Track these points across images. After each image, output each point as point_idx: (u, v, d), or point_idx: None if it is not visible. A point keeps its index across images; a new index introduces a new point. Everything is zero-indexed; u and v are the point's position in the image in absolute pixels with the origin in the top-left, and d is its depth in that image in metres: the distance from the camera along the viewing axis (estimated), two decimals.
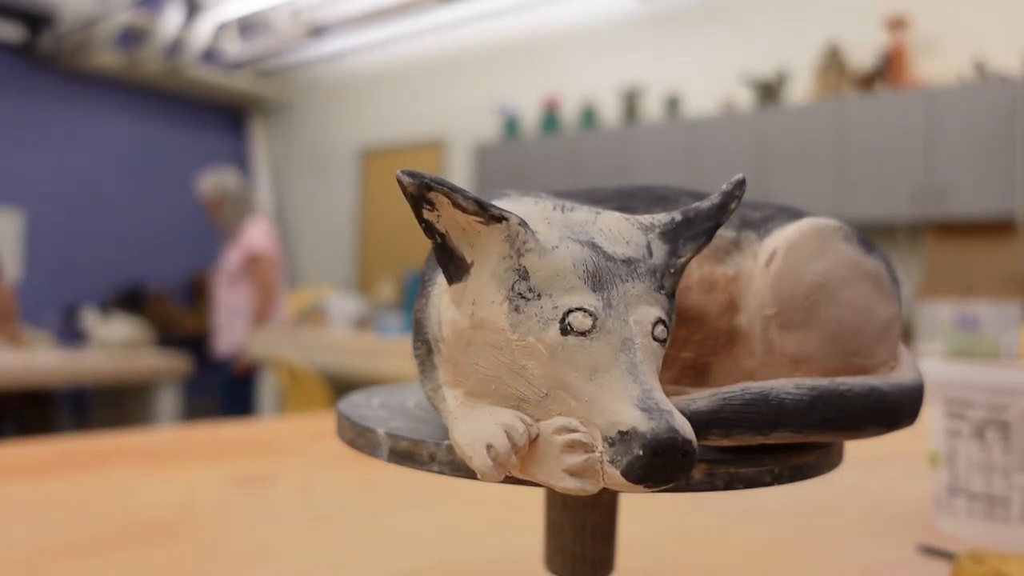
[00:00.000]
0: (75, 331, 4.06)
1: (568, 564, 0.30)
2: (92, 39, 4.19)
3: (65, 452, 0.71)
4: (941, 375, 0.52)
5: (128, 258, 4.72)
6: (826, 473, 0.27)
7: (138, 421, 2.94)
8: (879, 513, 0.58)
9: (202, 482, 0.62)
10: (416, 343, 0.27)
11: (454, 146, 4.66)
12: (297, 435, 0.87)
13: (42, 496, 0.56)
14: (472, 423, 0.22)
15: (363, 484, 0.62)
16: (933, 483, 0.54)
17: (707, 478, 0.24)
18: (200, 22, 4.03)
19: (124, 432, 0.83)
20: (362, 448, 0.27)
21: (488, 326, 0.22)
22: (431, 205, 0.22)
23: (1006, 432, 0.48)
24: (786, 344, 0.28)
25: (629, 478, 0.20)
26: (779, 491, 0.27)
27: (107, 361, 2.78)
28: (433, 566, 0.44)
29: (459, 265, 0.23)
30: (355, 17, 3.92)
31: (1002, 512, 0.48)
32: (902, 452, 0.75)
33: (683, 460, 0.20)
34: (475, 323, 0.23)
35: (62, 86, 4.44)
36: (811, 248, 0.29)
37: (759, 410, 0.24)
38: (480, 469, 0.21)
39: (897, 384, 0.27)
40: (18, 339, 2.85)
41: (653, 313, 0.22)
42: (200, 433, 0.84)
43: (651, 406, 0.20)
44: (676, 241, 0.23)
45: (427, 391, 0.27)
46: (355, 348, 2.84)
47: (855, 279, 0.29)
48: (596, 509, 0.30)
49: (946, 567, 0.44)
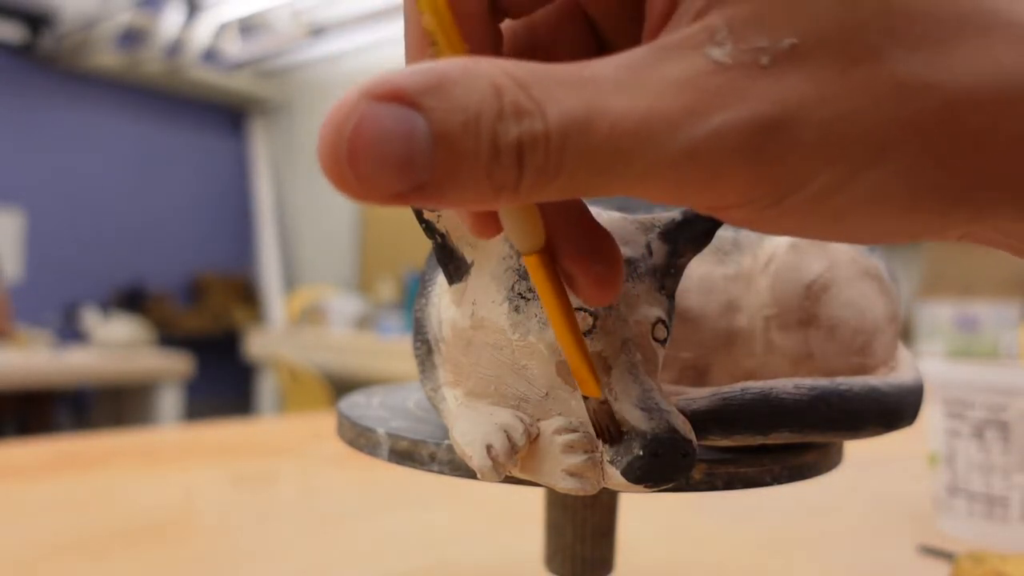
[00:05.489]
0: (75, 331, 4.06)
1: (568, 564, 0.30)
2: (92, 39, 4.19)
3: (65, 452, 0.71)
4: (941, 375, 0.52)
5: (128, 258, 4.72)
6: (826, 473, 0.27)
7: (138, 421, 2.94)
8: (879, 513, 0.58)
9: (202, 482, 0.62)
10: (416, 343, 0.27)
11: None
12: (297, 435, 0.87)
13: (42, 496, 0.56)
14: (472, 423, 0.22)
15: (363, 484, 0.62)
16: (933, 483, 0.54)
17: (707, 478, 0.24)
18: (200, 22, 4.03)
19: (124, 432, 0.83)
20: (362, 448, 0.27)
21: (488, 326, 0.22)
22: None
23: (1005, 432, 0.48)
24: (786, 344, 0.28)
25: (629, 478, 0.20)
26: (779, 491, 0.27)
27: (107, 361, 2.78)
28: (433, 566, 0.44)
29: (459, 265, 0.23)
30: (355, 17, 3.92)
31: (1002, 512, 0.48)
32: (902, 452, 0.75)
33: (683, 460, 0.20)
34: (475, 323, 0.23)
35: (62, 86, 4.44)
36: (811, 248, 0.29)
37: (759, 410, 0.24)
38: (480, 469, 0.21)
39: (897, 384, 0.27)
40: (12, 336, 2.84)
41: (653, 313, 0.22)
42: (200, 433, 0.84)
43: (651, 406, 0.20)
44: (676, 241, 0.23)
45: (427, 391, 0.27)
46: (355, 348, 2.84)
47: (855, 279, 0.29)
48: (596, 509, 0.30)
49: (946, 567, 0.44)
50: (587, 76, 0.14)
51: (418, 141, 0.13)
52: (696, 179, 0.14)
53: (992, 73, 0.14)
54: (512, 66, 0.14)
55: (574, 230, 0.19)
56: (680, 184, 0.14)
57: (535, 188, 0.14)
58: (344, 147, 0.13)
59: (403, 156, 0.13)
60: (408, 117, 0.13)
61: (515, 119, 0.13)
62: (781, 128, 0.14)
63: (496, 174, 0.13)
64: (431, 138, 0.13)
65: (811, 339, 0.28)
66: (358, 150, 0.13)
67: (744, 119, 0.14)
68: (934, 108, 0.14)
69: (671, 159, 0.14)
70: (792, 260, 0.28)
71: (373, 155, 0.13)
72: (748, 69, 0.14)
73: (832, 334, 0.28)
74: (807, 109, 0.14)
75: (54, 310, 4.31)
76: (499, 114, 0.13)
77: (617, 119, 0.14)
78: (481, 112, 0.13)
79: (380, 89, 0.13)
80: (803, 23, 0.14)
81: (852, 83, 0.14)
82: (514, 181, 0.14)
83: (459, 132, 0.13)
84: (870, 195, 0.15)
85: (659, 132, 0.14)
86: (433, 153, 0.13)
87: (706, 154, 0.14)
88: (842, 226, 0.16)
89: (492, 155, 0.13)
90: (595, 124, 0.13)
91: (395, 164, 0.13)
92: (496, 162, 0.13)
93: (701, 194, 0.15)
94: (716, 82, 0.14)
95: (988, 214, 0.15)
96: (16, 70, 4.28)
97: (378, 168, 0.13)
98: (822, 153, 0.14)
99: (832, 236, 0.16)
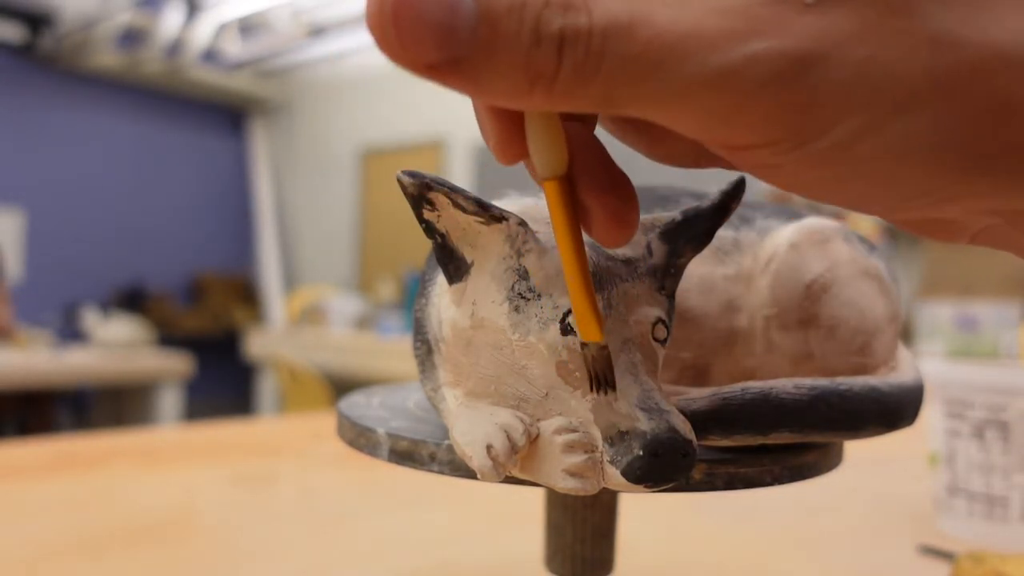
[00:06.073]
0: (75, 331, 4.06)
1: (568, 564, 0.30)
2: (92, 39, 4.19)
3: (65, 452, 0.71)
4: (941, 375, 0.52)
5: (128, 258, 4.72)
6: (826, 473, 0.27)
7: (138, 421, 2.94)
8: (879, 513, 0.58)
9: (202, 482, 0.62)
10: (416, 343, 0.27)
11: (454, 147, 4.66)
12: (297, 435, 0.87)
13: (42, 496, 0.56)
14: (472, 423, 0.22)
15: (363, 484, 0.62)
16: (933, 483, 0.54)
17: (707, 478, 0.24)
18: (200, 22, 4.03)
19: (124, 432, 0.83)
20: (362, 448, 0.27)
21: (488, 326, 0.22)
22: (431, 205, 0.22)
23: (1005, 432, 0.48)
24: (786, 344, 0.28)
25: (629, 478, 0.20)
26: (779, 491, 0.27)
27: (107, 361, 2.77)
28: (433, 566, 0.44)
29: (459, 265, 0.23)
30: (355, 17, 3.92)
31: (1002, 512, 0.48)
32: (902, 452, 0.75)
33: (683, 460, 0.20)
34: (475, 323, 0.23)
35: (62, 86, 4.44)
36: (811, 248, 0.29)
37: (759, 410, 0.24)
38: (480, 469, 0.21)
39: (897, 384, 0.27)
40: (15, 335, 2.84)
41: (653, 313, 0.22)
42: (200, 433, 0.84)
43: (651, 406, 0.20)
44: (676, 241, 0.23)
45: (427, 391, 0.27)
46: (355, 348, 2.84)
47: (855, 279, 0.29)
48: (596, 509, 0.30)
49: (946, 567, 0.44)
50: None
51: (463, 13, 0.13)
52: (723, 106, 0.14)
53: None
54: None
55: (595, 165, 0.19)
56: (706, 111, 0.14)
57: (570, 87, 0.14)
58: (390, 5, 0.13)
59: (446, 25, 0.13)
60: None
61: (561, 10, 0.13)
62: (815, 64, 0.14)
63: (534, 62, 0.14)
64: (476, 13, 0.13)
65: (811, 339, 0.28)
66: (403, 10, 0.13)
67: (781, 49, 0.14)
68: (964, 65, 0.14)
69: (703, 79, 0.14)
70: (792, 260, 0.28)
71: (417, 18, 0.13)
72: (793, 4, 0.14)
73: (832, 334, 0.28)
74: (843, 48, 0.14)
75: (54, 310, 4.31)
76: (546, 2, 0.13)
77: (659, 31, 0.14)
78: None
79: None
80: None
81: (889, 31, 0.14)
82: (551, 73, 0.14)
83: (504, 12, 0.13)
84: (894, 147, 0.15)
85: (697, 50, 0.14)
86: (476, 28, 0.13)
87: (738, 79, 0.14)
88: (859, 184, 0.16)
89: (533, 41, 0.13)
90: (637, 32, 0.14)
91: (437, 32, 0.13)
92: (536, 49, 0.13)
93: (725, 126, 0.15)
94: (761, 12, 0.14)
95: (1007, 187, 0.15)
96: (16, 70, 4.28)
97: (420, 33, 0.13)
98: (852, 95, 0.14)
99: (845, 196, 0.16)
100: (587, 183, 0.19)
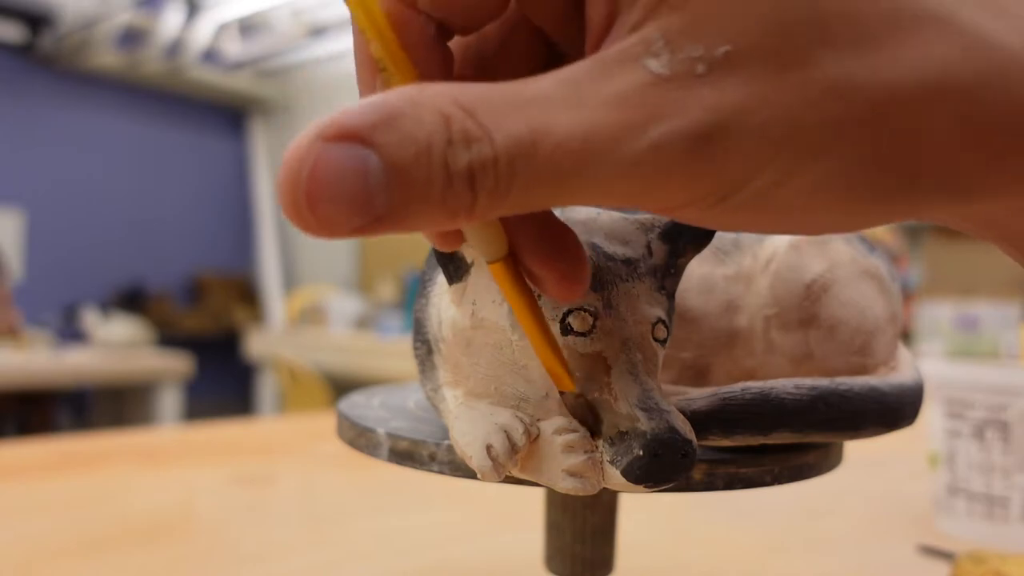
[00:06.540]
0: (75, 331, 4.06)
1: (568, 564, 0.30)
2: (92, 39, 4.19)
3: (65, 452, 0.71)
4: (941, 375, 0.52)
5: (128, 258, 4.72)
6: (826, 473, 0.27)
7: (139, 421, 2.94)
8: (879, 513, 0.58)
9: (202, 482, 0.62)
10: (416, 343, 0.27)
11: None
12: (297, 435, 0.87)
13: (42, 496, 0.56)
14: (472, 423, 0.22)
15: (363, 484, 0.62)
16: (933, 483, 0.54)
17: (707, 478, 0.24)
18: (200, 22, 4.03)
19: (125, 432, 0.83)
20: (362, 448, 0.27)
21: (488, 326, 0.22)
22: None
23: (1006, 432, 0.48)
24: (786, 344, 0.28)
25: (629, 478, 0.20)
26: (779, 491, 0.27)
27: (107, 361, 2.77)
28: (433, 566, 0.44)
29: (459, 265, 0.23)
30: None
31: (1002, 512, 0.48)
32: (902, 452, 0.75)
33: (683, 460, 0.20)
34: (475, 323, 0.23)
35: (62, 86, 4.44)
36: (811, 248, 0.29)
37: (759, 410, 0.24)
38: (480, 469, 0.21)
39: (897, 384, 0.27)
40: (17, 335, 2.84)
41: (653, 313, 0.22)
42: (200, 433, 0.84)
43: (651, 406, 0.20)
44: (676, 241, 0.23)
45: (427, 391, 0.27)
46: (355, 348, 2.84)
47: (855, 279, 0.29)
48: (596, 509, 0.30)
49: (946, 567, 0.44)
50: (530, 96, 0.14)
51: (373, 177, 0.13)
52: (642, 188, 0.15)
53: (918, 69, 0.14)
54: (459, 91, 0.14)
55: (537, 232, 0.19)
56: (628, 193, 0.15)
57: (489, 208, 0.14)
58: (302, 190, 0.14)
59: (359, 193, 0.13)
60: (361, 155, 0.13)
61: (464, 146, 0.14)
62: (718, 134, 0.14)
63: (450, 200, 0.14)
64: (384, 172, 0.13)
65: (811, 339, 0.28)
66: (315, 192, 0.13)
67: (682, 129, 0.14)
68: (860, 109, 0.14)
69: (616, 172, 0.14)
70: (792, 260, 0.28)
71: (330, 195, 0.13)
72: (685, 79, 0.14)
73: (832, 334, 0.28)
74: (742, 114, 0.14)
75: (54, 310, 4.31)
76: (448, 142, 0.14)
77: (561, 139, 0.14)
78: (431, 142, 0.14)
79: (331, 130, 0.13)
80: (736, 30, 0.14)
81: (785, 87, 0.14)
82: (468, 204, 0.14)
83: (411, 164, 0.13)
84: (809, 192, 0.15)
85: (602, 149, 0.14)
86: (388, 186, 0.13)
87: (649, 165, 0.14)
88: (788, 220, 0.16)
89: (445, 182, 0.14)
90: (540, 145, 0.14)
91: (352, 202, 0.13)
92: (449, 188, 0.14)
93: (649, 199, 0.15)
94: (654, 94, 0.14)
95: (925, 206, 0.16)
96: (16, 70, 4.28)
97: (336, 207, 0.14)
98: (759, 154, 0.15)
99: (780, 229, 0.17)
100: (531, 253, 0.19)
